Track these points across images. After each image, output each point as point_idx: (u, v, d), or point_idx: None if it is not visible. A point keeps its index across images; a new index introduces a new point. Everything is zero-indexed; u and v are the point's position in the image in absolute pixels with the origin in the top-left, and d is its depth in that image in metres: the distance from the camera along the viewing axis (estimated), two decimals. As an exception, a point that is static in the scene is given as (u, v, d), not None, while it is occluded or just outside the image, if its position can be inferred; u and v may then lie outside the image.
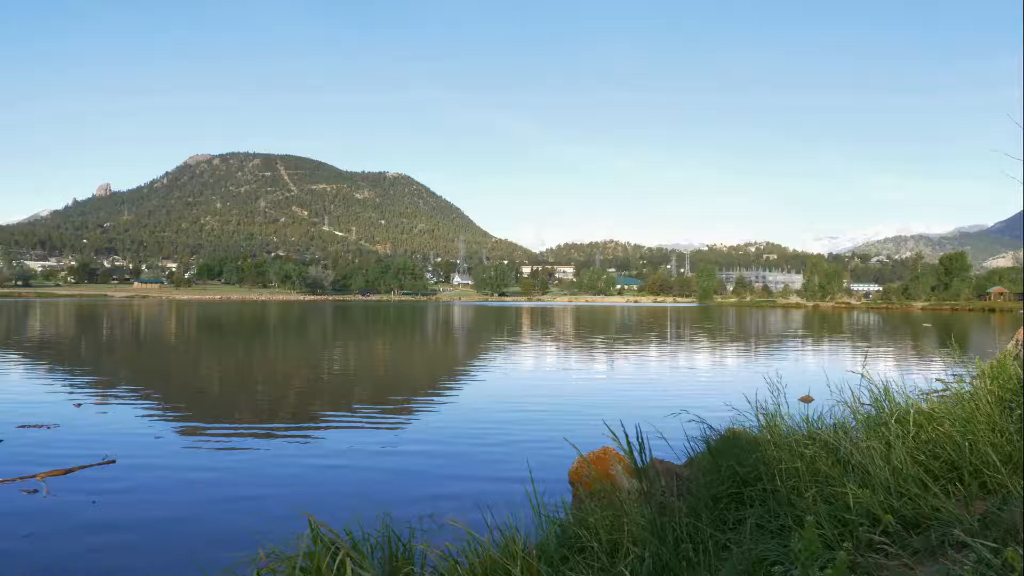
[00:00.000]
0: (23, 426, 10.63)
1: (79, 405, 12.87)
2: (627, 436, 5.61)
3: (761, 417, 6.87)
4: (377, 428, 11.33)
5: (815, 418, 6.52)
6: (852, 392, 6.57)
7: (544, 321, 56.33)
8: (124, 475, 7.95)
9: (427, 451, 9.60)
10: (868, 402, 6.37)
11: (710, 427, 7.09)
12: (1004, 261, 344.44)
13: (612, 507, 4.02)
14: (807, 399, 15.47)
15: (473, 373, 20.66)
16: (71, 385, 15.80)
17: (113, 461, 8.40)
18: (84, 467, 8.10)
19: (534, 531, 4.36)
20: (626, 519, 3.71)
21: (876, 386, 6.27)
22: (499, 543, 3.87)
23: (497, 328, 45.38)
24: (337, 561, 3.52)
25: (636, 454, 5.77)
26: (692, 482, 6.19)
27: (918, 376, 18.54)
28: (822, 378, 7.26)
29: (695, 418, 11.19)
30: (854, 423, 6.33)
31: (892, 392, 6.28)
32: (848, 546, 3.28)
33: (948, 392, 9.36)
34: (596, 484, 7.16)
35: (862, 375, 6.21)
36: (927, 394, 9.10)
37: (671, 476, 7.44)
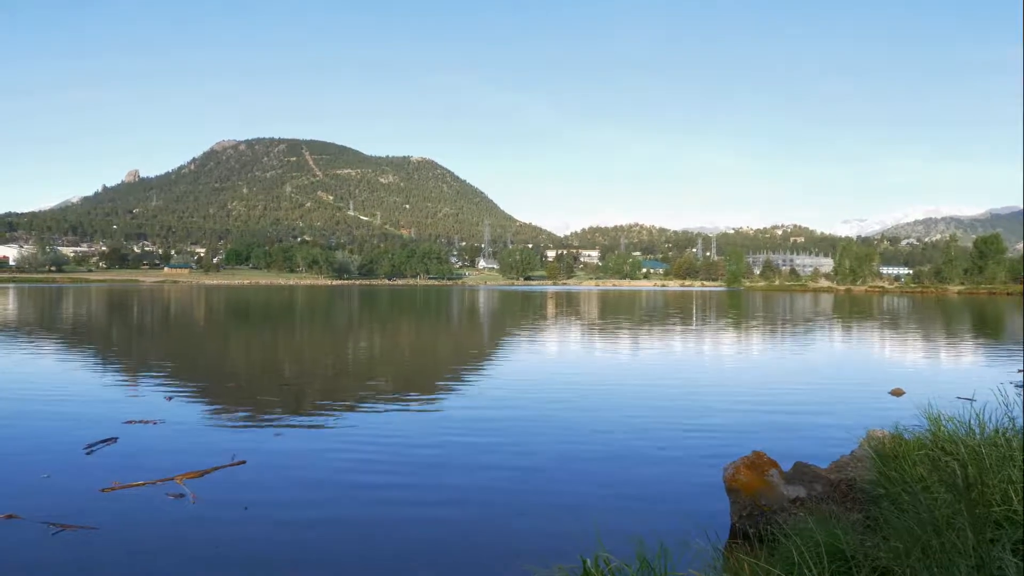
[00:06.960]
0: (129, 422, 10.42)
1: (170, 398, 12.70)
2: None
3: (925, 420, 6.52)
4: (492, 422, 10.64)
5: (975, 421, 6.16)
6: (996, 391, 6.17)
7: (591, 306, 55.83)
8: (262, 477, 7.56)
9: (574, 456, 9.03)
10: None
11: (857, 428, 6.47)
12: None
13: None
14: (898, 392, 14.97)
15: (569, 363, 19.87)
16: (149, 377, 15.60)
17: (244, 462, 8.22)
18: (217, 468, 7.94)
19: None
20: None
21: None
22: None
23: (564, 312, 44.75)
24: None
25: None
26: (887, 494, 5.82)
27: (991, 368, 17.92)
28: (907, 370, 6.83)
29: (804, 416, 10.77)
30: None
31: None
32: None
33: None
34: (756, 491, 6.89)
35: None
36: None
37: (825, 483, 7.12)
